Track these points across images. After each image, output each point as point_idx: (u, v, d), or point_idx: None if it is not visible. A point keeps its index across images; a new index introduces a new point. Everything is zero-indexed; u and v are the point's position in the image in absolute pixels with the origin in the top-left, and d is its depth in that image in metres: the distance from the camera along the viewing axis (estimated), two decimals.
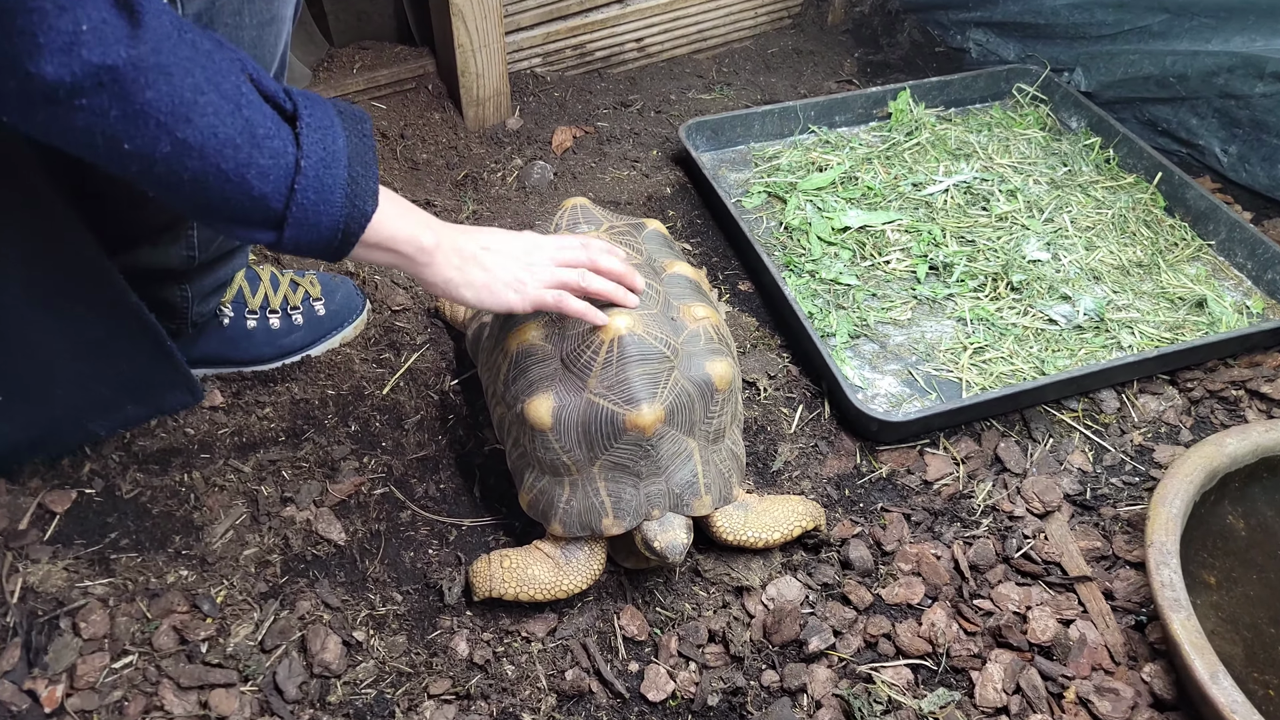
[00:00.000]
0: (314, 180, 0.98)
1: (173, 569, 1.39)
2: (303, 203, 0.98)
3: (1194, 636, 1.20)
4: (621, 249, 1.42)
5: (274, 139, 0.95)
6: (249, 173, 0.95)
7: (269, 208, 0.98)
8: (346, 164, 1.00)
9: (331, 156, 0.99)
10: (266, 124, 0.95)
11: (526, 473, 1.39)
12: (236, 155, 0.93)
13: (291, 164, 0.97)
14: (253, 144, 0.94)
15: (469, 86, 2.22)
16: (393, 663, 1.31)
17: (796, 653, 1.33)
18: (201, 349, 1.61)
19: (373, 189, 1.04)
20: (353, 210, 1.02)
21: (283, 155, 0.96)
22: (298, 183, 0.97)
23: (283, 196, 0.97)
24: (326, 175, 0.99)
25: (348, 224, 1.02)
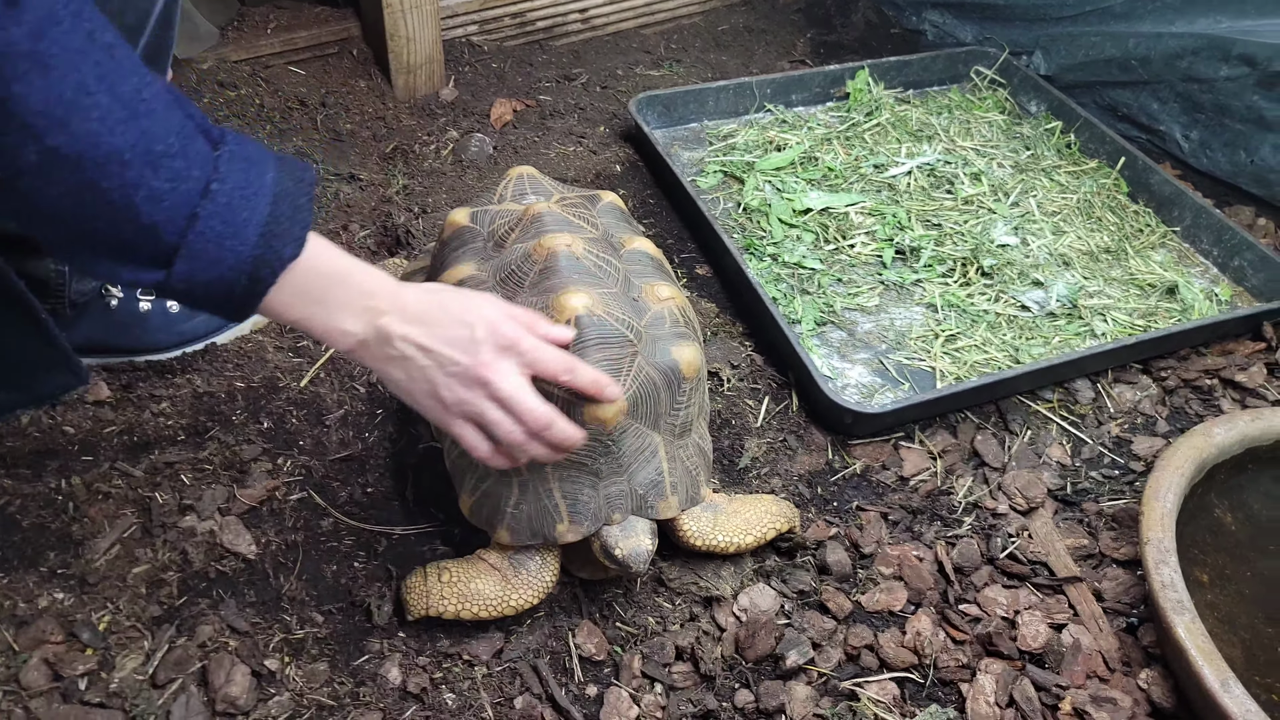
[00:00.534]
0: (224, 208, 0.82)
1: (46, 591, 1.20)
2: (204, 231, 0.81)
3: (1200, 641, 1.11)
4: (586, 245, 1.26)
5: (177, 158, 0.79)
6: (136, 195, 0.78)
7: (159, 239, 0.81)
8: (271, 200, 0.84)
9: (252, 189, 0.84)
10: (169, 139, 0.79)
11: (468, 473, 1.22)
12: (123, 173, 0.77)
13: (197, 189, 0.80)
14: (147, 161, 0.77)
15: (399, 51, 2.04)
16: (312, 695, 1.14)
17: (773, 669, 1.20)
18: (84, 334, 1.40)
19: (297, 235, 0.86)
20: (265, 251, 0.84)
21: (184, 179, 0.80)
22: (202, 209, 0.81)
23: (178, 228, 0.80)
24: (242, 207, 0.83)
25: (257, 266, 0.84)
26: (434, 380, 0.98)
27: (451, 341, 0.97)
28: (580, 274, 1.21)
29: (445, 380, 0.98)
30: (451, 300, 1.00)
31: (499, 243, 1.32)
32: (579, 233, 1.29)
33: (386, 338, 0.96)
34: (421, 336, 0.96)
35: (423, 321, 0.96)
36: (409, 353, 0.97)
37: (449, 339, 0.97)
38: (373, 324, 0.95)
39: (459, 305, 0.99)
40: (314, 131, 1.97)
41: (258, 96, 1.97)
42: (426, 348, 0.97)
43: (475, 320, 0.98)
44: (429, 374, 0.98)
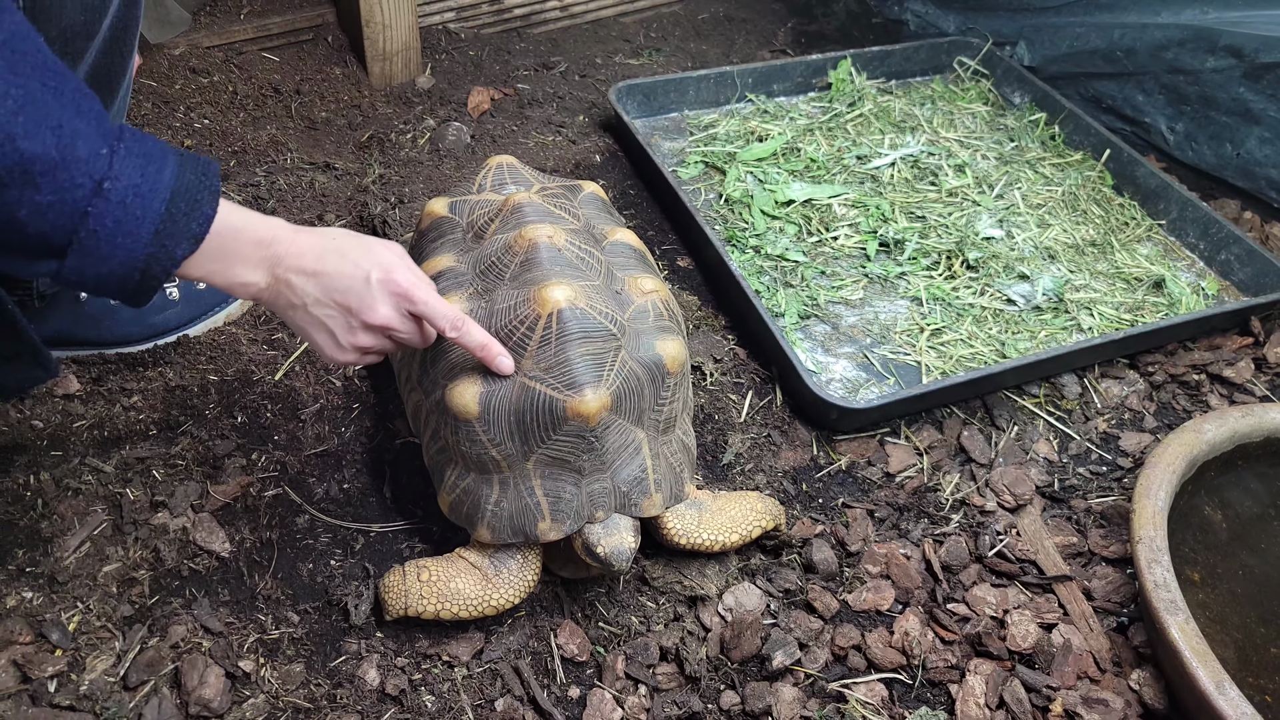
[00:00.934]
0: (117, 206, 0.81)
1: (14, 590, 1.16)
2: (95, 230, 0.81)
3: (1195, 642, 1.10)
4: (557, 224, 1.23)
5: (59, 170, 0.77)
6: (19, 212, 0.77)
7: (49, 242, 0.81)
8: (167, 198, 0.84)
9: (148, 185, 0.83)
10: (49, 154, 0.76)
11: (448, 470, 1.19)
12: (3, 194, 0.76)
13: (86, 193, 0.79)
14: (25, 180, 0.76)
15: (374, 38, 1.99)
16: (288, 696, 1.11)
17: (759, 670, 1.18)
18: (54, 326, 1.36)
19: (193, 231, 0.87)
20: (158, 250, 0.85)
21: (70, 188, 0.78)
22: (94, 206, 0.80)
23: (67, 230, 0.80)
24: (136, 205, 0.82)
25: (149, 264, 0.85)
26: (330, 326, 1.02)
27: (347, 290, 1.01)
28: (562, 266, 1.18)
29: (342, 326, 1.03)
30: (350, 245, 1.02)
31: (478, 234, 1.29)
32: (560, 224, 1.26)
33: (286, 284, 0.99)
34: (317, 286, 1.00)
35: (320, 270, 0.99)
36: (307, 300, 1.00)
37: (344, 287, 1.00)
38: (271, 272, 0.97)
39: (356, 251, 1.02)
40: (288, 119, 1.93)
41: (231, 83, 1.92)
42: (321, 298, 1.00)
43: (371, 265, 1.01)
44: (326, 320, 1.02)
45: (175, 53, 1.90)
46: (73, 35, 0.99)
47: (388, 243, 1.06)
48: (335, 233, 1.03)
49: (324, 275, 0.99)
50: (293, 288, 0.99)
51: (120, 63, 1.13)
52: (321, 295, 1.00)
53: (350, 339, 1.04)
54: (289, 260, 0.97)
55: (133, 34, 1.14)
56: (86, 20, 1.00)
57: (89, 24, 1.01)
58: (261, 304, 1.02)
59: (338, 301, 1.01)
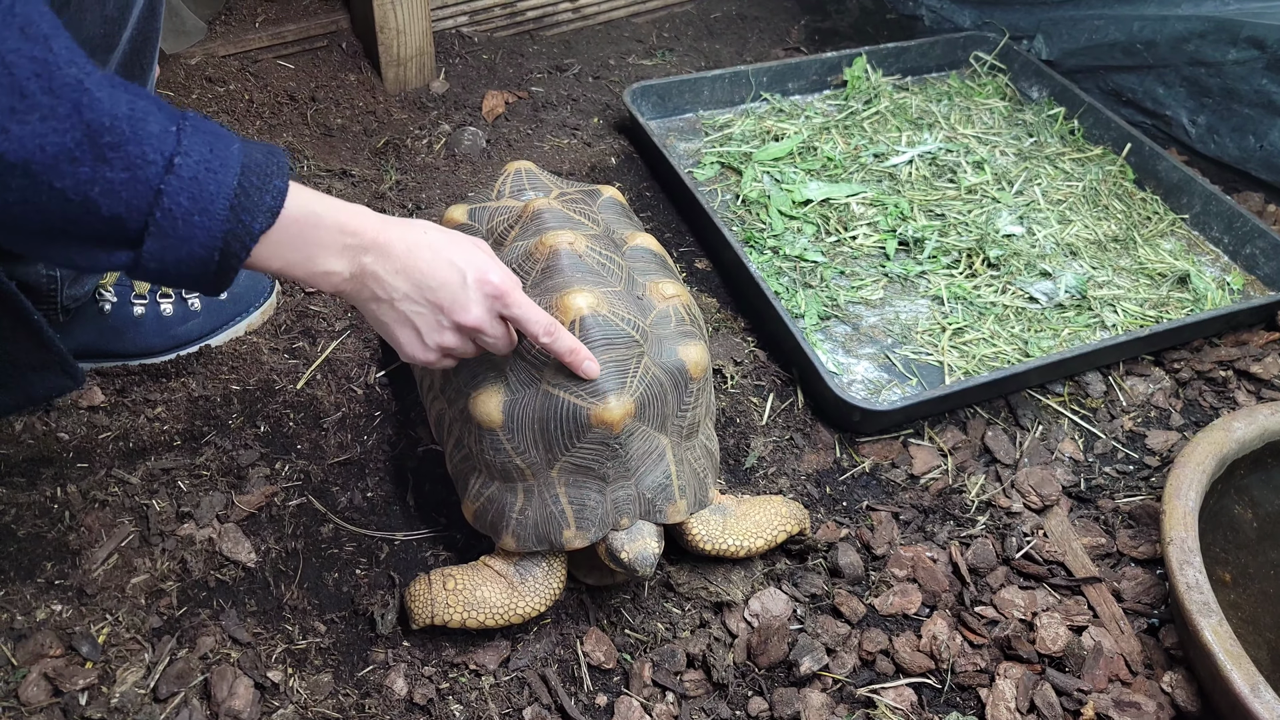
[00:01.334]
0: (189, 184, 0.78)
1: (43, 603, 1.17)
2: (170, 209, 0.78)
3: (1228, 644, 1.09)
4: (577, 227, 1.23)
5: (129, 144, 0.75)
6: (93, 190, 0.75)
7: (124, 227, 0.79)
8: (238, 172, 0.81)
9: (219, 161, 0.80)
10: (119, 127, 0.74)
11: (472, 478, 1.19)
12: (76, 170, 0.73)
13: (158, 170, 0.77)
14: (96, 154, 0.74)
15: (388, 44, 1.99)
16: (317, 707, 1.11)
17: (786, 676, 1.17)
18: (78, 340, 1.37)
19: (268, 204, 0.84)
20: (236, 226, 0.82)
21: (141, 164, 0.76)
22: (167, 184, 0.77)
23: (142, 211, 0.78)
24: (209, 180, 0.79)
25: (227, 242, 0.82)
26: (417, 324, 0.99)
27: (439, 288, 0.97)
28: (583, 273, 1.18)
29: (431, 324, 1.00)
30: (442, 242, 0.99)
31: (498, 240, 1.29)
32: (580, 230, 1.25)
33: (373, 276, 0.95)
34: (407, 282, 0.96)
35: (411, 265, 0.96)
36: (395, 295, 0.97)
37: (437, 285, 0.97)
38: (357, 261, 0.93)
39: (450, 249, 0.98)
40: (304, 127, 1.93)
41: (247, 92, 1.92)
42: (412, 294, 0.97)
43: (466, 265, 0.98)
44: (413, 318, 0.99)
45: (191, 62, 1.91)
46: (93, 48, 0.99)
47: (477, 240, 1.03)
48: (424, 225, 1.00)
49: (415, 271, 0.96)
50: (380, 281, 0.95)
51: (141, 75, 1.14)
52: (412, 291, 0.97)
53: (437, 339, 1.01)
54: (375, 251, 0.94)
55: (153, 45, 1.14)
56: (106, 33, 1.00)
57: (109, 36, 1.01)
58: (342, 297, 0.97)
59: (429, 300, 0.98)
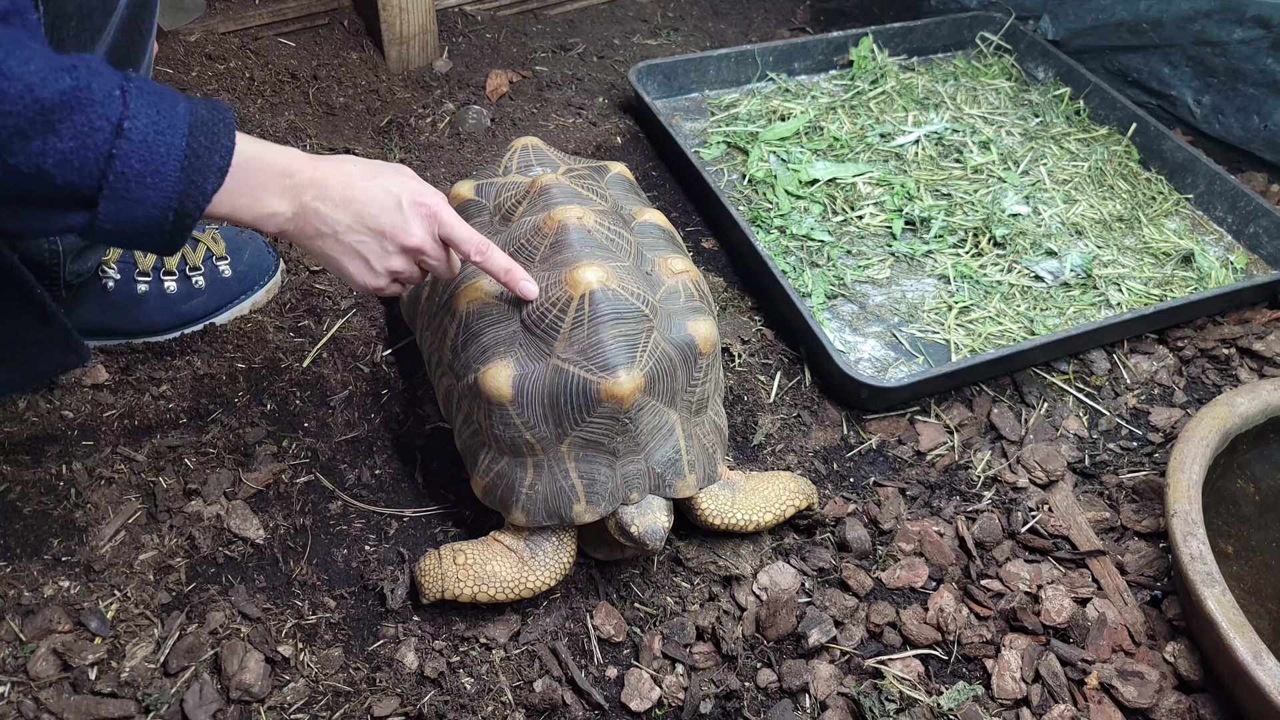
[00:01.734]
0: (140, 146, 0.80)
1: (51, 579, 1.17)
2: (124, 171, 0.80)
3: (1231, 614, 1.09)
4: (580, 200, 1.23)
5: (77, 114, 0.77)
6: (45, 161, 0.77)
7: (79, 191, 0.80)
8: (186, 133, 0.83)
9: (166, 122, 0.82)
10: (65, 98, 0.76)
11: (481, 454, 1.19)
12: (27, 145, 0.75)
13: (107, 134, 0.79)
14: (47, 129, 0.76)
15: (391, 22, 1.98)
16: (327, 681, 1.11)
17: (795, 648, 1.18)
18: (81, 317, 1.36)
19: (217, 164, 0.86)
20: (188, 186, 0.84)
21: (91, 131, 0.78)
22: (118, 148, 0.79)
23: (95, 175, 0.80)
24: (158, 142, 0.81)
25: (182, 202, 0.84)
26: (363, 252, 1.02)
27: (379, 214, 1.00)
28: (592, 247, 1.18)
29: (376, 251, 1.03)
30: (371, 171, 1.02)
31: (506, 216, 1.28)
32: (589, 205, 1.25)
33: (314, 213, 0.97)
34: (347, 213, 0.99)
35: (349, 197, 0.99)
36: (338, 228, 0.99)
37: (376, 212, 1.00)
38: (297, 200, 0.96)
39: (382, 176, 1.02)
40: (306, 105, 1.92)
41: (247, 70, 1.91)
42: (354, 225, 1.00)
43: (400, 189, 1.02)
44: (358, 247, 1.01)
45: (191, 39, 1.90)
46: (90, 11, 0.98)
47: (399, 167, 1.06)
48: (350, 159, 1.02)
49: (354, 202, 0.99)
50: (321, 216, 0.98)
51: (140, 42, 1.13)
52: (353, 221, 0.99)
53: (385, 263, 1.04)
54: (314, 189, 0.96)
55: (152, 12, 1.14)
56: (104, 6, 0.99)
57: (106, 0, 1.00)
58: (286, 237, 0.99)
59: (370, 227, 1.00)
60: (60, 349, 1.11)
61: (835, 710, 1.12)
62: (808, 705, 1.13)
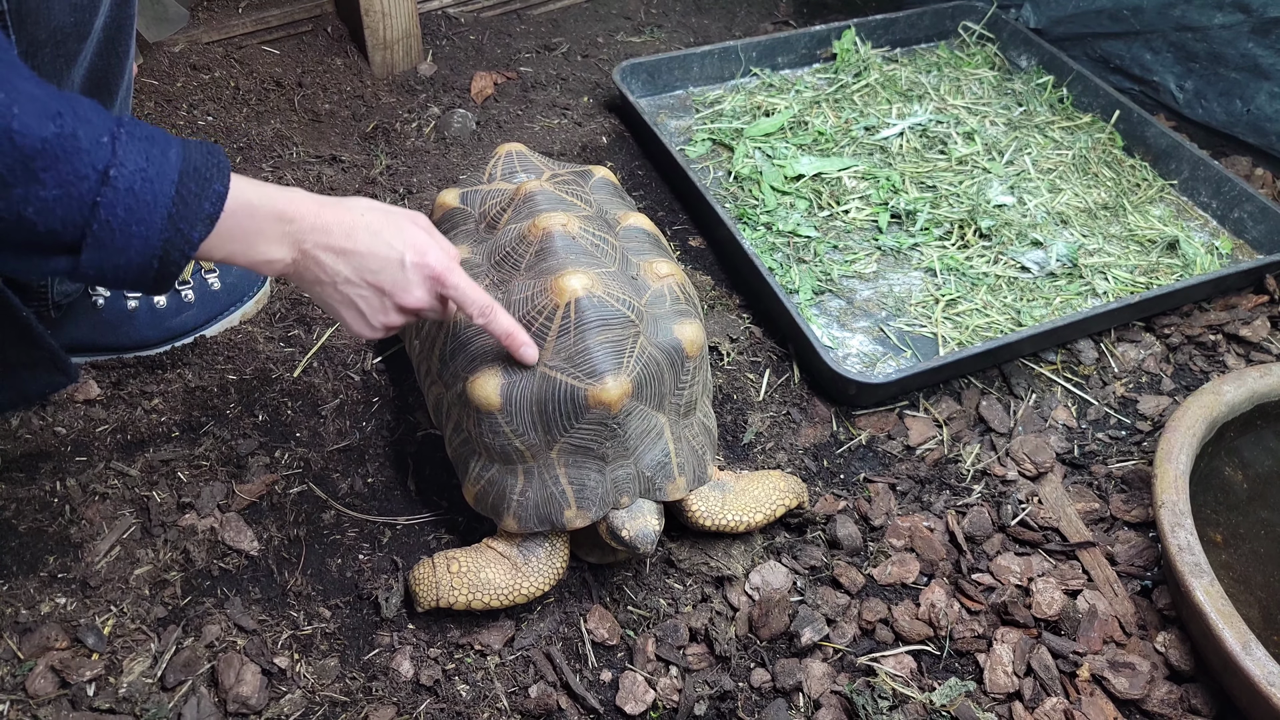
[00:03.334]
0: (125, 195, 0.79)
1: (47, 596, 1.18)
2: (108, 220, 0.78)
3: (1220, 604, 1.11)
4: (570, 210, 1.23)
5: (61, 162, 0.75)
6: (26, 209, 0.75)
7: (60, 238, 0.79)
8: (176, 180, 0.82)
9: (155, 169, 0.81)
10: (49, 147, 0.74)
11: (472, 461, 1.20)
12: (8, 194, 0.74)
13: (92, 183, 0.77)
14: (28, 176, 0.74)
15: (374, 27, 1.98)
16: (324, 691, 1.12)
17: (788, 647, 1.19)
18: (71, 335, 1.36)
19: (207, 211, 0.84)
20: (174, 234, 0.82)
21: (74, 180, 0.76)
22: (103, 196, 0.78)
23: (78, 223, 0.78)
24: (145, 190, 0.80)
25: (167, 250, 0.82)
26: (360, 306, 1.01)
27: (379, 271, 0.98)
28: (577, 254, 1.18)
29: (374, 306, 1.01)
30: (380, 223, 0.99)
31: (491, 224, 1.29)
32: (573, 211, 1.26)
33: (314, 261, 0.96)
34: (348, 265, 0.97)
35: (350, 249, 0.96)
36: (336, 279, 0.97)
37: (377, 269, 0.98)
38: (297, 247, 0.94)
39: (388, 229, 0.99)
40: (292, 113, 1.92)
41: (232, 79, 1.91)
42: (352, 279, 0.98)
43: (404, 246, 0.99)
44: (356, 300, 1.00)
45: (175, 50, 1.89)
46: (64, 37, 0.98)
47: (414, 215, 1.04)
48: (361, 205, 1.00)
49: (355, 255, 0.97)
50: (321, 265, 0.96)
51: (117, 64, 1.13)
52: (353, 275, 0.97)
53: (382, 319, 1.02)
54: (315, 236, 0.94)
55: (128, 34, 1.13)
56: (77, 21, 0.99)
57: (80, 25, 1.00)
58: (287, 279, 0.98)
59: (370, 282, 0.99)
60: (48, 370, 1.11)
61: (829, 709, 1.13)
62: (801, 704, 1.14)
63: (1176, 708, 1.15)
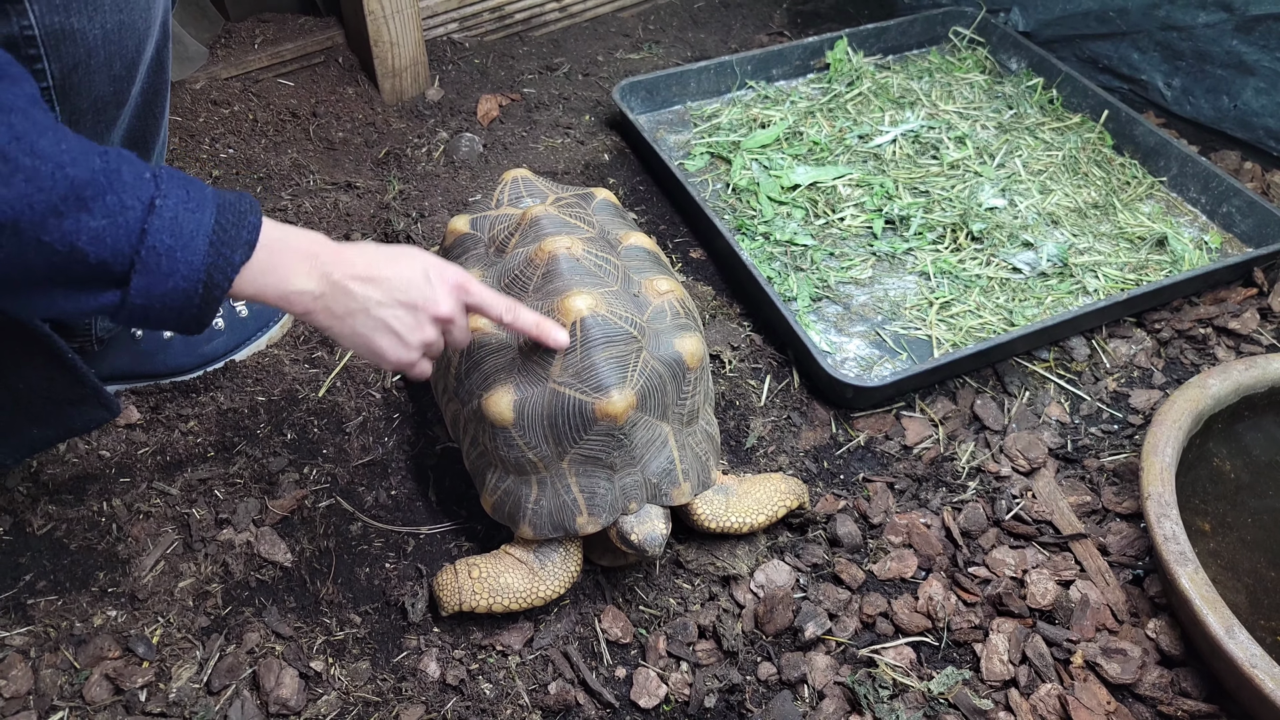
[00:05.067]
0: (170, 223, 0.84)
1: (99, 610, 1.26)
2: (155, 246, 0.84)
3: (1204, 590, 1.16)
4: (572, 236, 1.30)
5: (108, 194, 0.81)
6: (79, 239, 0.80)
7: (111, 269, 0.84)
8: (215, 212, 0.88)
9: (195, 202, 0.87)
10: (96, 180, 0.81)
11: (488, 473, 1.27)
12: (61, 224, 0.79)
13: (139, 212, 0.83)
14: (80, 206, 0.80)
15: (383, 57, 2.06)
16: (357, 692, 1.20)
17: (792, 641, 1.26)
18: (112, 365, 1.45)
19: (245, 238, 0.90)
20: (217, 258, 0.88)
21: (122, 210, 0.82)
22: (149, 224, 0.83)
23: (127, 253, 0.83)
24: (188, 219, 0.86)
25: (210, 274, 0.87)
26: (395, 327, 1.04)
27: (408, 288, 1.03)
28: (581, 275, 1.25)
29: (409, 324, 1.05)
30: (391, 252, 1.05)
31: (500, 248, 1.36)
32: (576, 233, 1.33)
33: (343, 290, 0.99)
34: (378, 290, 1.01)
35: (375, 275, 1.01)
36: (369, 304, 1.01)
37: (405, 286, 1.03)
38: (325, 279, 0.98)
39: (402, 256, 1.05)
40: (308, 142, 2.00)
41: (251, 112, 2.00)
42: (384, 300, 1.02)
43: (423, 263, 1.05)
44: (391, 322, 1.03)
45: (196, 87, 1.98)
46: (104, 105, 1.05)
47: (414, 248, 1.09)
48: (367, 244, 1.06)
49: (382, 279, 1.01)
50: (350, 293, 1.00)
51: (154, 124, 1.21)
52: (384, 297, 1.02)
53: (418, 336, 1.06)
54: (340, 268, 0.99)
55: (163, 97, 1.21)
56: (115, 90, 1.06)
57: (118, 93, 1.07)
58: (311, 317, 1.00)
59: (402, 300, 1.03)
60: (94, 406, 1.19)
61: (832, 699, 1.20)
62: (806, 695, 1.20)
63: (1167, 691, 1.21)
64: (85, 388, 1.17)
